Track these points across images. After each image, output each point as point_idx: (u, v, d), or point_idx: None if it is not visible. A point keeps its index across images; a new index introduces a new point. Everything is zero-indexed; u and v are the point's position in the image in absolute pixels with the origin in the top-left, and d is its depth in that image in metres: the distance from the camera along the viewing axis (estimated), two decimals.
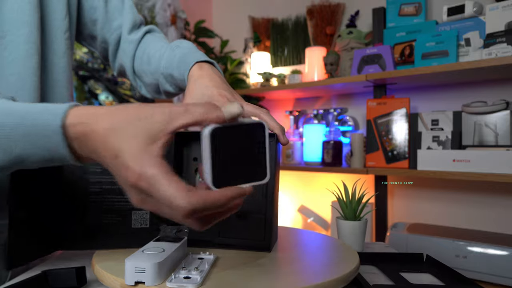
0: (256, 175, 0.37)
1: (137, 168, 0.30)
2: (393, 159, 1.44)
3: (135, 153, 0.31)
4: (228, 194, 0.32)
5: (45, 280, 0.45)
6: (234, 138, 0.35)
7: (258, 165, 0.37)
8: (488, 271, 1.15)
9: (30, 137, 0.34)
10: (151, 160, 0.31)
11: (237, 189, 0.33)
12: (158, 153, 0.31)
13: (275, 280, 0.41)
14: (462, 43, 1.31)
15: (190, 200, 0.30)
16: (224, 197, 0.31)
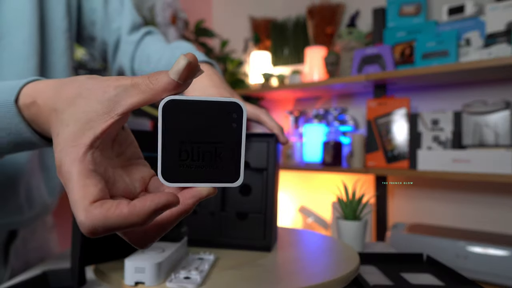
0: (224, 174, 0.27)
1: (58, 157, 0.26)
2: (393, 159, 1.44)
3: (65, 141, 0.26)
4: (142, 209, 0.24)
5: (45, 280, 0.45)
6: (197, 116, 0.26)
7: (228, 160, 0.27)
8: (488, 271, 1.15)
9: None
10: (76, 153, 0.25)
11: (156, 200, 0.24)
12: (89, 146, 0.25)
13: (275, 280, 0.41)
14: (462, 43, 1.31)
15: (88, 212, 0.24)
16: (137, 214, 0.23)
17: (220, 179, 0.27)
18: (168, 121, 0.26)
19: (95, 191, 0.24)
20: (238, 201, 0.56)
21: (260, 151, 0.54)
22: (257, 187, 0.56)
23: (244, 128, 0.27)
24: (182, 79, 0.26)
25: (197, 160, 0.27)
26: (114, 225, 0.24)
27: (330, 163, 1.57)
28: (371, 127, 1.48)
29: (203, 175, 0.27)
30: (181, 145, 0.26)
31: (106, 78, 0.27)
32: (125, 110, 0.26)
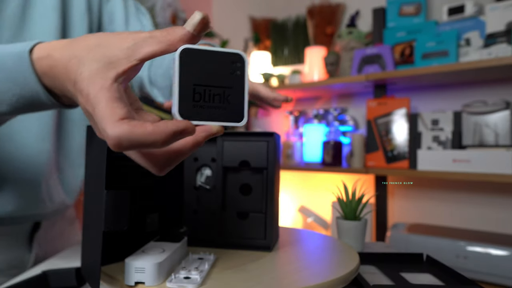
0: (231, 115, 0.31)
1: (85, 89, 0.28)
2: (393, 159, 1.44)
3: (90, 76, 0.28)
4: (165, 129, 0.26)
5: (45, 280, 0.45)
6: (208, 63, 0.31)
7: (235, 104, 0.31)
8: (488, 271, 1.15)
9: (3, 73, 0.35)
10: (102, 83, 0.28)
11: (176, 123, 0.27)
12: (114, 79, 0.28)
13: (275, 280, 0.41)
14: (462, 43, 1.31)
15: (116, 126, 0.26)
16: (159, 132, 0.26)
17: (228, 119, 0.31)
18: (183, 66, 0.30)
19: (123, 110, 0.27)
20: (239, 200, 0.56)
21: (260, 151, 0.54)
22: (257, 186, 0.56)
23: (246, 75, 0.32)
24: (197, 31, 0.30)
25: (208, 101, 0.31)
26: (138, 140, 0.26)
27: (330, 163, 1.57)
28: (371, 127, 1.48)
29: (213, 115, 0.31)
30: (194, 88, 0.30)
31: (122, 32, 0.30)
32: (144, 56, 0.29)
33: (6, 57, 0.35)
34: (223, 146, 0.56)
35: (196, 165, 0.59)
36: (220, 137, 0.56)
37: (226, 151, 0.56)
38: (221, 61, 0.31)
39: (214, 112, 0.31)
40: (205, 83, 0.31)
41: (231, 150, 0.55)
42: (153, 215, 0.53)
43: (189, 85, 0.30)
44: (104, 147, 0.38)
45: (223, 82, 0.31)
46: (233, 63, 0.31)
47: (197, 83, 0.30)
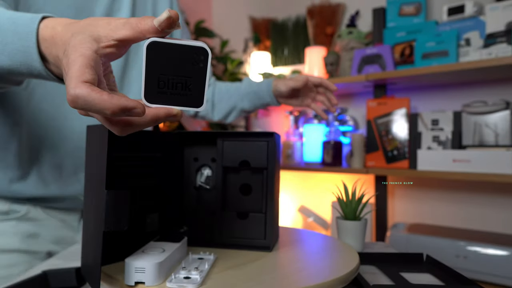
0: (191, 101, 0.35)
1: (69, 53, 0.32)
2: (393, 159, 1.44)
3: (76, 44, 0.33)
4: (117, 102, 0.30)
5: (45, 280, 0.45)
6: (173, 55, 0.34)
7: (196, 91, 0.35)
8: (488, 271, 1.15)
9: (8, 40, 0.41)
10: (83, 51, 0.32)
11: (128, 101, 0.30)
12: (94, 51, 0.33)
13: (275, 280, 0.41)
14: (462, 43, 1.31)
15: (78, 86, 0.30)
16: (110, 103, 0.30)
17: (188, 104, 0.35)
18: (150, 57, 0.34)
19: (90, 76, 0.31)
20: (239, 200, 0.56)
21: (260, 151, 0.54)
22: (257, 186, 0.56)
23: (208, 67, 0.35)
24: (161, 28, 0.33)
25: (171, 89, 0.34)
26: (92, 103, 0.30)
27: (330, 163, 1.57)
28: (371, 127, 1.48)
29: (175, 100, 0.35)
30: (159, 76, 0.34)
31: (111, 17, 0.35)
32: (119, 38, 0.34)
33: (21, 18, 0.41)
34: (223, 146, 0.56)
35: (196, 165, 0.59)
36: (220, 137, 0.56)
37: (226, 151, 0.56)
38: (185, 53, 0.34)
39: (176, 98, 0.35)
40: (169, 73, 0.34)
41: (231, 150, 0.55)
42: (153, 215, 0.53)
43: (154, 74, 0.34)
44: (105, 147, 0.38)
45: (185, 72, 0.34)
46: (196, 55, 0.34)
47: (162, 72, 0.34)
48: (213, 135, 0.57)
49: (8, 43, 0.41)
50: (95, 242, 0.38)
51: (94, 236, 0.39)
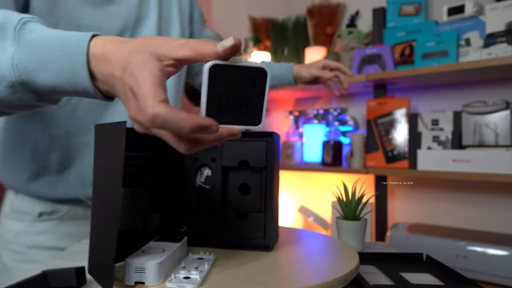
0: (250, 119, 0.37)
1: (135, 73, 0.34)
2: (393, 159, 1.44)
3: (140, 63, 0.34)
4: (194, 120, 0.31)
5: (45, 280, 0.45)
6: (233, 77, 0.35)
7: (254, 110, 0.37)
8: (488, 271, 1.15)
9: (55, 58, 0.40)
10: (151, 70, 0.33)
11: (205, 120, 0.32)
12: (160, 69, 0.34)
13: (275, 280, 0.41)
14: (462, 43, 1.31)
15: (157, 106, 0.32)
16: (188, 121, 0.31)
17: (247, 123, 0.37)
18: (211, 80, 0.35)
19: (164, 95, 0.32)
20: (238, 200, 0.56)
21: (259, 151, 0.54)
22: (257, 186, 0.56)
23: (267, 87, 0.37)
24: (225, 54, 0.34)
25: (232, 109, 0.36)
26: (170, 122, 0.31)
27: (330, 163, 1.57)
28: (371, 127, 1.48)
29: (234, 119, 0.36)
30: (220, 97, 0.35)
31: (167, 37, 0.36)
32: (178, 57, 0.35)
33: (70, 36, 0.40)
34: (222, 146, 0.56)
35: (196, 165, 0.59)
36: None
37: (225, 151, 0.56)
38: (245, 74, 0.36)
39: (236, 117, 0.36)
40: (230, 94, 0.36)
41: (231, 150, 0.55)
42: (153, 215, 0.53)
43: (215, 96, 0.35)
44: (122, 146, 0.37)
45: (245, 93, 0.36)
46: (255, 76, 0.36)
47: (222, 94, 0.35)
48: None
49: (55, 61, 0.40)
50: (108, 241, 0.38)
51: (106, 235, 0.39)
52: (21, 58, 0.41)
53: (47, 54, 0.40)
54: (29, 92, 0.43)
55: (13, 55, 0.41)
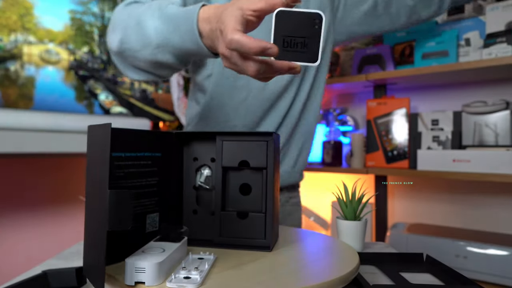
0: (308, 57, 0.45)
1: (223, 18, 0.47)
2: (393, 159, 1.44)
3: (227, 13, 0.47)
4: (259, 43, 0.42)
5: (45, 280, 0.45)
6: (294, 21, 0.44)
7: (312, 49, 0.44)
8: (488, 271, 1.15)
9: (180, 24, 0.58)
10: (233, 15, 0.46)
11: (267, 43, 0.43)
12: (240, 15, 0.46)
13: (275, 279, 0.41)
14: (462, 43, 1.31)
15: (234, 33, 0.44)
16: (255, 43, 0.43)
17: (306, 60, 0.45)
18: (277, 23, 0.44)
19: (241, 27, 0.45)
20: (238, 200, 0.56)
21: (259, 150, 0.54)
22: (257, 186, 0.56)
23: (323, 29, 0.44)
24: (287, 2, 0.45)
25: (293, 47, 0.45)
26: (242, 43, 0.43)
27: (330, 163, 1.57)
28: (371, 127, 1.48)
29: (296, 56, 0.45)
30: (284, 38, 0.45)
31: None
32: (255, 8, 0.46)
33: (190, 9, 0.57)
34: (222, 146, 0.56)
35: (196, 165, 0.59)
36: (219, 137, 0.56)
37: (225, 151, 0.56)
38: (304, 18, 0.44)
39: (297, 55, 0.45)
40: (291, 34, 0.44)
41: (231, 150, 0.55)
42: (153, 215, 0.53)
43: (280, 36, 0.44)
44: (107, 147, 0.38)
45: (304, 33, 0.44)
46: (313, 20, 0.44)
47: (286, 34, 0.44)
48: (212, 135, 0.57)
49: (180, 26, 0.57)
50: (99, 242, 0.38)
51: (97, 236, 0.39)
52: (160, 27, 0.60)
53: (176, 23, 0.58)
54: (167, 53, 0.62)
55: (156, 25, 0.61)
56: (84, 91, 1.33)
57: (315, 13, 0.44)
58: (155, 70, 0.68)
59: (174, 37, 0.59)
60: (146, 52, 0.63)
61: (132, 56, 0.66)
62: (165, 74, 0.71)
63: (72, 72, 1.29)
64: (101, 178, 0.39)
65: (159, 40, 0.61)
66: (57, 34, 1.24)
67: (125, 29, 0.65)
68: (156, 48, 0.62)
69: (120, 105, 1.45)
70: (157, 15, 0.61)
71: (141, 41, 0.63)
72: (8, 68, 1.11)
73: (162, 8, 0.62)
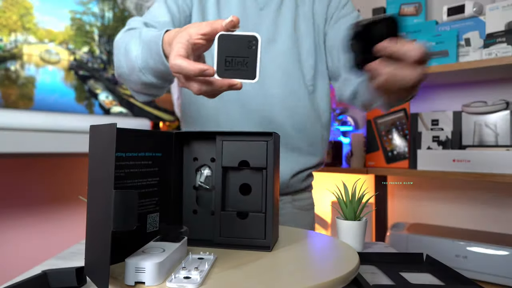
0: (247, 74, 0.49)
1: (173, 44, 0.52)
2: (393, 159, 1.44)
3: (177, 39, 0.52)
4: (197, 65, 0.48)
5: (45, 280, 0.45)
6: (235, 43, 0.49)
7: (250, 67, 0.49)
8: (488, 271, 1.15)
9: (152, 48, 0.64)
10: (181, 41, 0.51)
11: (204, 66, 0.48)
12: (187, 41, 0.51)
13: (275, 279, 0.41)
14: (462, 43, 1.31)
15: (176, 58, 0.49)
16: (194, 66, 0.48)
17: (246, 77, 0.49)
18: (219, 45, 0.50)
19: (183, 52, 0.50)
20: (238, 200, 0.56)
21: (259, 151, 0.54)
22: (257, 186, 0.56)
23: (258, 49, 0.49)
24: (226, 27, 0.50)
25: (234, 66, 0.49)
26: (183, 67, 0.48)
27: (330, 163, 1.57)
28: (371, 127, 1.48)
29: (237, 74, 0.49)
30: (226, 58, 0.50)
31: (196, 22, 0.55)
32: (202, 32, 0.51)
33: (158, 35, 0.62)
34: (222, 146, 0.56)
35: (196, 165, 0.59)
36: (219, 137, 0.56)
37: (225, 151, 0.56)
38: (242, 40, 0.49)
39: (238, 73, 0.49)
40: (232, 55, 0.49)
41: (231, 150, 0.55)
42: (153, 215, 0.53)
43: (222, 57, 0.49)
44: (112, 147, 0.38)
45: (243, 54, 0.49)
46: (250, 41, 0.49)
47: (227, 55, 0.49)
48: (212, 135, 0.57)
49: (152, 49, 0.64)
50: (103, 242, 0.38)
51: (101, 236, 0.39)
52: (140, 52, 0.67)
53: (150, 47, 0.64)
54: (149, 75, 0.68)
55: (137, 51, 0.68)
56: (84, 91, 1.33)
57: (251, 36, 0.49)
58: (147, 90, 0.75)
59: (150, 60, 0.66)
60: (134, 75, 0.71)
61: (127, 80, 0.75)
62: (156, 93, 0.78)
63: (72, 72, 1.29)
64: (104, 178, 0.39)
65: (140, 64, 0.68)
66: (57, 34, 1.24)
67: (118, 56, 0.74)
68: (140, 71, 0.69)
69: (120, 105, 1.45)
70: (138, 41, 0.69)
71: (130, 66, 0.71)
72: (8, 68, 1.11)
73: (142, 34, 0.69)
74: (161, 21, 0.83)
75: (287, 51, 0.88)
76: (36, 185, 1.26)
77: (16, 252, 1.21)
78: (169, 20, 0.84)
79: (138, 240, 0.51)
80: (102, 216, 0.39)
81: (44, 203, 1.29)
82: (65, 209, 1.34)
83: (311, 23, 0.91)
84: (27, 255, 1.23)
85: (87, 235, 0.44)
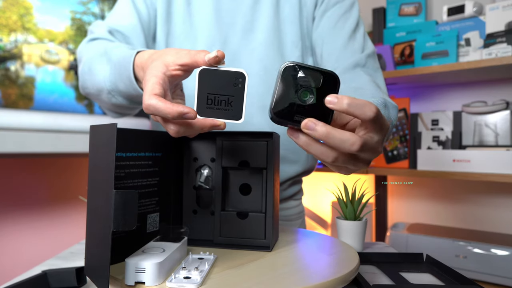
0: (233, 114, 0.43)
1: (146, 74, 0.44)
2: (393, 159, 1.44)
3: (151, 68, 0.44)
4: (176, 108, 0.40)
5: (45, 280, 0.45)
6: (218, 79, 0.43)
7: (236, 106, 0.43)
8: (488, 271, 1.15)
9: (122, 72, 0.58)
10: (155, 73, 0.43)
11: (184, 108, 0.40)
12: (163, 73, 0.43)
13: (275, 280, 0.41)
14: (462, 43, 1.31)
15: (150, 98, 0.40)
16: (172, 109, 0.40)
17: (230, 117, 0.43)
18: (201, 81, 0.43)
19: (159, 90, 0.41)
20: (239, 200, 0.56)
21: (259, 151, 0.54)
22: (257, 186, 0.56)
23: (245, 87, 0.43)
24: (210, 63, 0.43)
25: (217, 105, 0.43)
26: (159, 109, 0.40)
27: None
28: None
29: (219, 114, 0.43)
30: (208, 95, 0.43)
31: (180, 48, 0.46)
32: (180, 63, 0.44)
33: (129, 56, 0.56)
34: (222, 146, 0.56)
35: (196, 165, 0.59)
36: (219, 137, 0.56)
37: (225, 151, 0.56)
38: (227, 77, 0.43)
39: (221, 112, 0.43)
40: (215, 92, 0.43)
41: (231, 150, 0.55)
42: (153, 215, 0.53)
43: (204, 94, 0.43)
44: (113, 147, 0.38)
45: (228, 92, 0.43)
46: (236, 79, 0.43)
47: (210, 92, 0.43)
48: (212, 135, 0.57)
49: (122, 72, 0.58)
50: (103, 242, 0.38)
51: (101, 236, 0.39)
52: (108, 74, 0.62)
53: (119, 70, 0.59)
54: (119, 97, 0.63)
55: (105, 72, 0.62)
56: None
57: (238, 72, 0.43)
58: (120, 110, 0.70)
59: (120, 83, 0.60)
60: (103, 96, 0.65)
61: (96, 99, 0.69)
62: (130, 112, 0.73)
63: (72, 72, 1.29)
64: (105, 178, 0.39)
65: (109, 87, 0.63)
66: (57, 34, 1.24)
67: (82, 75, 0.69)
68: (109, 93, 0.64)
69: None
70: (104, 60, 0.63)
71: (96, 87, 0.65)
72: (8, 68, 1.11)
73: (108, 52, 0.63)
74: (126, 26, 0.74)
75: (267, 41, 0.76)
76: (36, 185, 1.26)
77: (16, 252, 1.21)
78: (136, 21, 0.75)
79: (138, 240, 0.51)
80: (102, 216, 0.39)
81: (44, 203, 1.29)
82: (65, 209, 1.34)
83: (297, 5, 0.78)
84: (27, 255, 1.23)
85: (87, 235, 0.44)
